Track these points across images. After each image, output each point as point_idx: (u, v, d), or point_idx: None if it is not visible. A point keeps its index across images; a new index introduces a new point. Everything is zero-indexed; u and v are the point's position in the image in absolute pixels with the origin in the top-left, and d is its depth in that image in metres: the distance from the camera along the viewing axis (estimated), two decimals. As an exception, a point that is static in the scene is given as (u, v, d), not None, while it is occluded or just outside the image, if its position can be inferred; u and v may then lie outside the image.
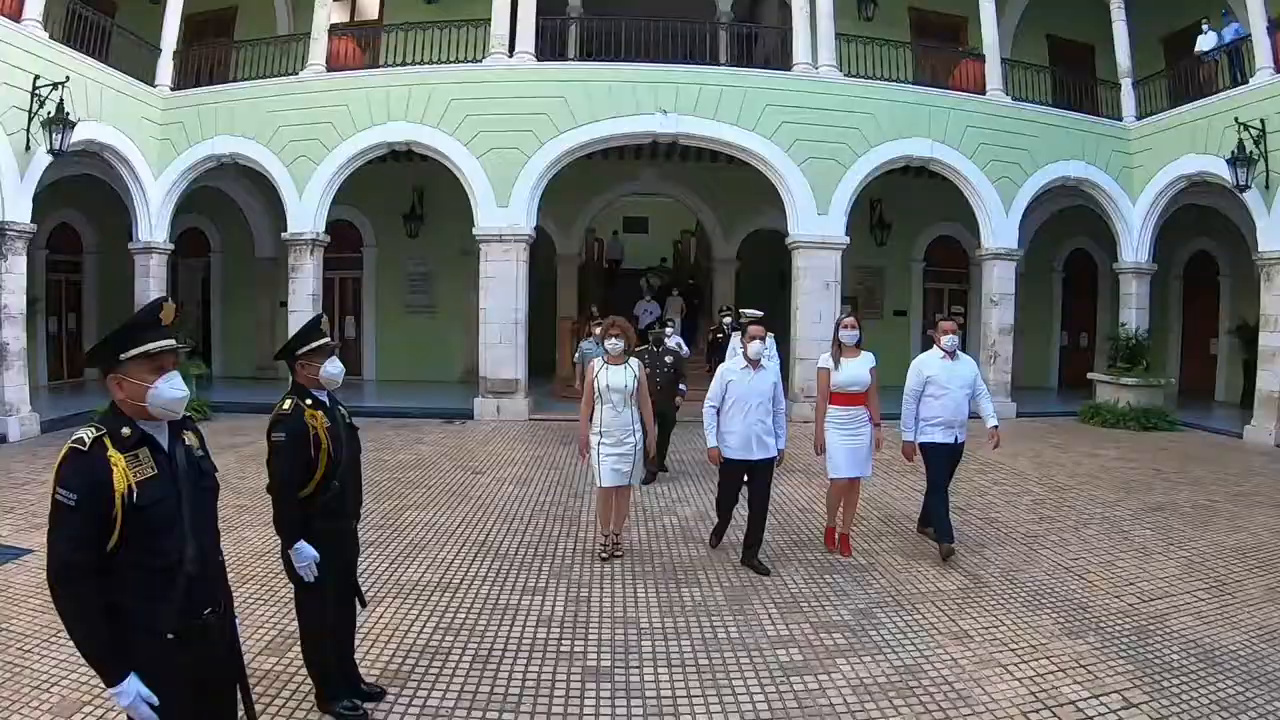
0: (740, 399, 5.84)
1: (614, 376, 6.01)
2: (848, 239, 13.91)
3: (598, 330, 10.08)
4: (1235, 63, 13.44)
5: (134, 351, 2.33)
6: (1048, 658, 4.49)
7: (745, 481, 6.07)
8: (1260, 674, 4.37)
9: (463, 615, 5.05)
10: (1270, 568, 6.23)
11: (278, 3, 17.10)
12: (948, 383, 6.23)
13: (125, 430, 2.31)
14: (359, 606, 3.93)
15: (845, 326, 6.25)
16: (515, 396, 13.51)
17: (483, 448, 10.94)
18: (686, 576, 5.83)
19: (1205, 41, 14.11)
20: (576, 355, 10.99)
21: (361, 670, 4.04)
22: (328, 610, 3.67)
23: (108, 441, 2.27)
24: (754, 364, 5.90)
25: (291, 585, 3.68)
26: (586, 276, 19.87)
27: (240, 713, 2.64)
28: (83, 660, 4.08)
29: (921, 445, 6.32)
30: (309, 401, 3.60)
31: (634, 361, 6.20)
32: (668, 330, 10.50)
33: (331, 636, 3.75)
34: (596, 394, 6.03)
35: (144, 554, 2.28)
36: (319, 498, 3.57)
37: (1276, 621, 5.13)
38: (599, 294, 18.84)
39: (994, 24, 14.62)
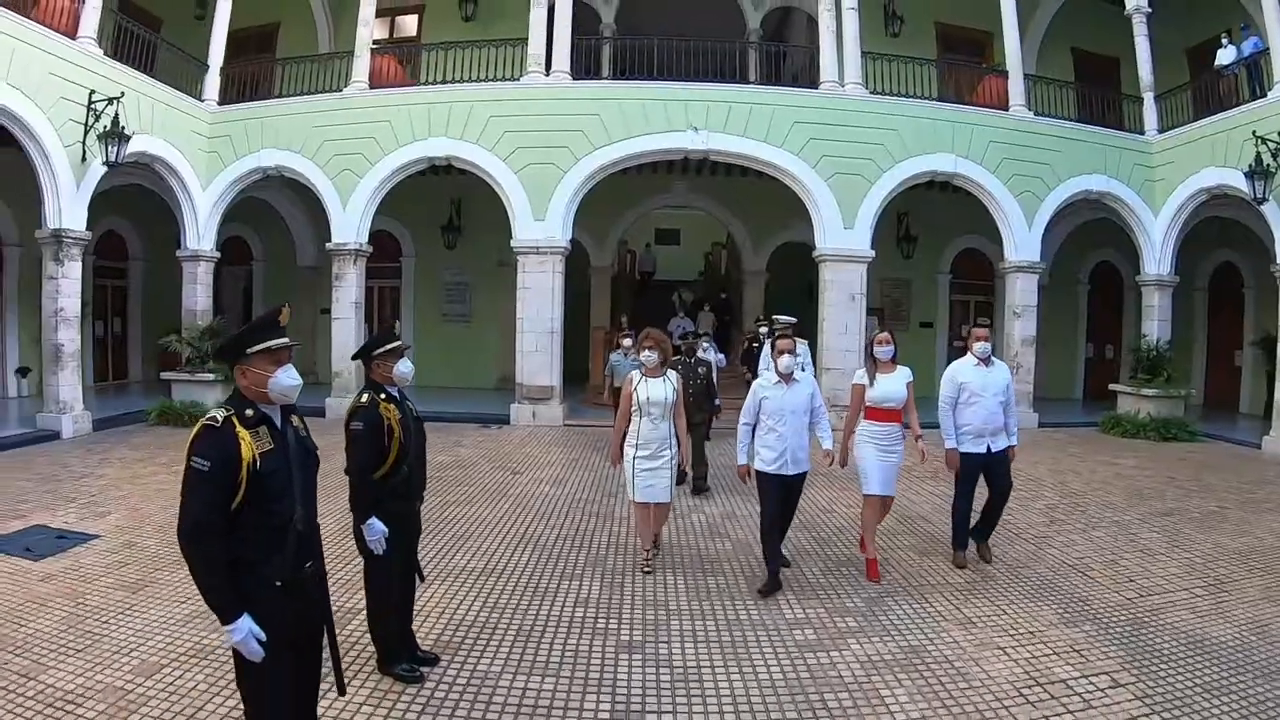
0: (774, 415, 5.70)
1: (653, 390, 5.96)
2: (873, 252, 14.25)
3: (626, 342, 10.52)
4: (1254, 76, 13.63)
5: (258, 347, 2.83)
6: (1044, 643, 4.86)
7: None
8: (1247, 663, 4.68)
9: (506, 596, 5.54)
10: (1270, 570, 6.48)
11: (319, 19, 17.81)
12: (982, 390, 6.21)
13: (249, 412, 2.80)
14: (418, 581, 4.42)
15: (880, 342, 6.10)
16: (550, 403, 13.97)
17: (520, 450, 11.43)
18: (712, 566, 6.28)
19: (1224, 55, 14.34)
20: (607, 368, 11.05)
21: (418, 639, 4.52)
22: (394, 583, 4.18)
23: (235, 420, 2.75)
24: (786, 378, 5.77)
25: (361, 560, 4.18)
26: (619, 287, 20.29)
27: (326, 655, 3.11)
28: (155, 630, 4.67)
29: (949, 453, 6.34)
30: (383, 396, 4.11)
31: (672, 374, 6.15)
32: (702, 343, 10.56)
33: (395, 610, 4.25)
34: (635, 406, 5.98)
35: (262, 514, 2.76)
36: (390, 480, 4.08)
37: (1270, 617, 5.42)
38: (629, 305, 19.26)
39: (1017, 41, 14.90)
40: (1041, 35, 17.59)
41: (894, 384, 6.02)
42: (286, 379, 2.86)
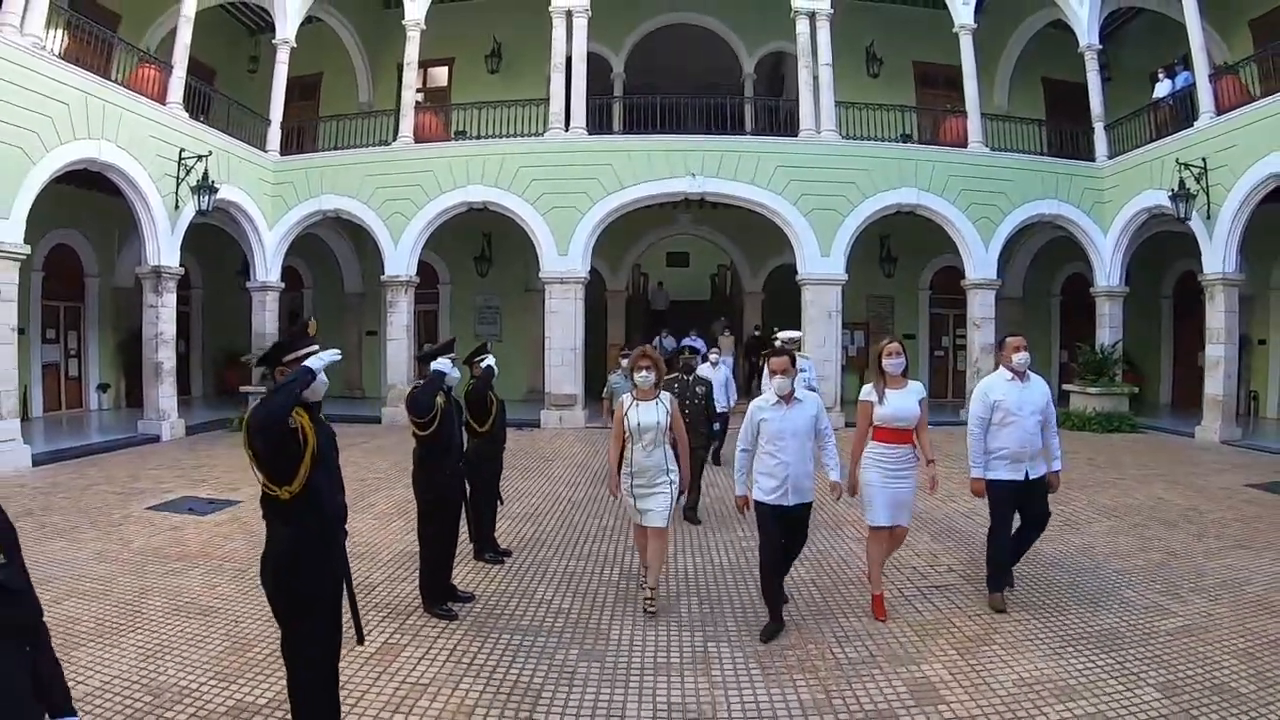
0: (774, 439, 5.17)
1: (644, 414, 5.55)
2: (846, 276, 16.34)
3: (625, 363, 10.28)
4: (1184, 108, 15.38)
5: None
6: (911, 550, 6.95)
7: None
8: (1058, 564, 6.61)
9: (550, 525, 8.10)
10: (1123, 517, 8.17)
11: (358, 70, 20.38)
12: (1018, 409, 5.53)
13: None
14: (499, 505, 6.99)
15: (889, 354, 5.44)
16: (574, 409, 16.27)
17: (549, 445, 13.79)
18: (705, 521, 8.56)
19: (1160, 89, 16.23)
20: (605, 390, 10.93)
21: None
22: (484, 503, 6.69)
23: None
24: (786, 399, 5.24)
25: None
26: (634, 308, 22.32)
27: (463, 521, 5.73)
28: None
29: (985, 483, 5.73)
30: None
31: (665, 395, 5.72)
32: (713, 356, 11.05)
33: (485, 509, 6.73)
34: (626, 432, 5.61)
35: (441, 435, 5.32)
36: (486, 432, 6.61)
37: (1100, 544, 7.25)
38: (643, 333, 20.75)
39: (975, 84, 16.83)
40: (1012, 67, 19.60)
41: (905, 400, 5.41)
42: (451, 372, 5.45)
